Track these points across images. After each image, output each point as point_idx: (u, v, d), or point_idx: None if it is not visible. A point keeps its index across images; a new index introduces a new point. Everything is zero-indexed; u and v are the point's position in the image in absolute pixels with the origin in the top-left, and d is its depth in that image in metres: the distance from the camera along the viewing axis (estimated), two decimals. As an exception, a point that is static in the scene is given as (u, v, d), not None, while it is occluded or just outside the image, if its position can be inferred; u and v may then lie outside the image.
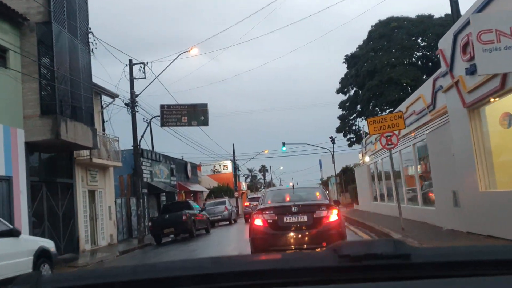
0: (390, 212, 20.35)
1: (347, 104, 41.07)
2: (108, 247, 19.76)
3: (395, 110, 21.91)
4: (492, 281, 1.16)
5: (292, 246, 8.61)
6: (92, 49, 18.27)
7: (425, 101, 15.86)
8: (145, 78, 21.23)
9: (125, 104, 20.46)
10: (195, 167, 39.52)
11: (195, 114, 21.56)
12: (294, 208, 8.76)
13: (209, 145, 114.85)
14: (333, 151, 49.44)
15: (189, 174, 35.99)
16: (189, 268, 1.35)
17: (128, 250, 18.47)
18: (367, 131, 36.61)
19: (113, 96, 21.12)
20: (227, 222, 31.15)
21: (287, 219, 8.72)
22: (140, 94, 21.21)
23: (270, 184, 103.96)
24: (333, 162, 49.54)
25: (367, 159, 30.54)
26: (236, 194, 52.97)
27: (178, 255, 14.48)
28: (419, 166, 16.60)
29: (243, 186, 71.70)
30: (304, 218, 8.70)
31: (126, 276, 1.31)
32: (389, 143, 13.80)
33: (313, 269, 1.24)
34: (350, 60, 39.14)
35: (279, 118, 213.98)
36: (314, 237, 8.45)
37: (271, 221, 8.75)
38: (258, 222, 8.86)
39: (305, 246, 8.56)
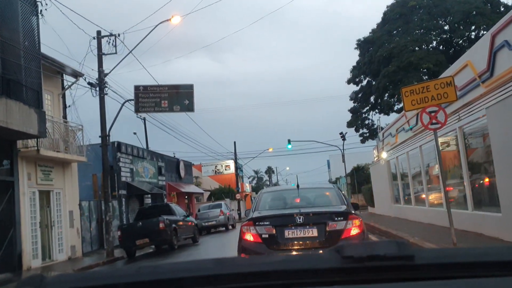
0: (421, 217, 16.20)
1: (359, 95, 36.85)
2: (66, 263, 15.75)
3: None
4: (496, 283, 1.16)
5: None
6: (41, 11, 14.32)
7: (474, 69, 11.72)
8: (116, 53, 17.24)
9: (89, 83, 16.44)
10: (190, 166, 35.34)
11: (177, 98, 17.52)
12: (300, 218, 6.23)
13: (210, 145, 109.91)
14: (343, 149, 45.28)
15: (182, 173, 31.83)
16: (192, 269, 1.33)
17: (88, 266, 14.44)
18: (382, 125, 32.26)
19: (76, 75, 17.12)
20: (224, 228, 27.07)
21: (289, 234, 6.24)
22: (110, 72, 17.24)
23: (275, 186, 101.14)
24: (343, 160, 45.31)
25: (384, 155, 26.56)
26: (237, 196, 48.75)
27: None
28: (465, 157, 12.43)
29: (247, 187, 67.41)
30: (314, 232, 6.23)
31: (130, 277, 1.31)
32: (434, 121, 9.69)
33: (316, 270, 1.24)
34: (363, 45, 34.92)
35: (285, 118, 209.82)
36: None
37: (266, 236, 6.24)
38: (249, 237, 6.31)
39: None
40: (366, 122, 37.89)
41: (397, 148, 21.37)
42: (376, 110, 38.01)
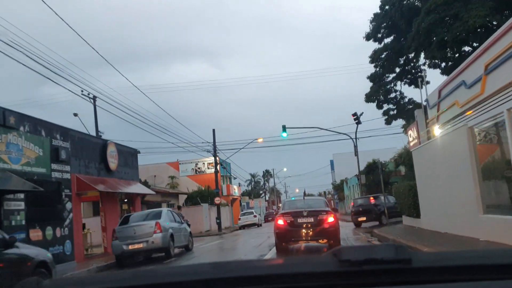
0: None
1: (383, 56, 25.72)
2: None
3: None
4: (492, 285, 1.16)
5: (303, 238, 12.70)
6: None
7: None
8: None
9: None
10: (134, 155, 23.49)
11: None
12: (305, 213, 12.74)
13: (190, 138, 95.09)
14: (355, 138, 33.70)
15: (112, 164, 20.08)
16: (190, 273, 1.32)
17: None
18: (425, 98, 19.96)
19: None
20: (163, 254, 15.76)
21: (300, 220, 12.68)
22: None
23: (273, 190, 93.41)
24: (356, 154, 33.63)
25: (436, 131, 15.71)
26: (217, 200, 37.26)
27: None
28: None
29: (234, 190, 55.57)
30: (311, 220, 12.64)
31: (126, 281, 1.29)
32: None
33: (314, 274, 1.23)
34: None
35: (285, 122, 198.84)
36: (318, 232, 12.53)
37: (289, 221, 12.77)
38: (280, 221, 12.91)
39: (309, 238, 12.73)
40: (392, 95, 26.78)
41: (491, 102, 10.32)
42: (405, 80, 26.93)
